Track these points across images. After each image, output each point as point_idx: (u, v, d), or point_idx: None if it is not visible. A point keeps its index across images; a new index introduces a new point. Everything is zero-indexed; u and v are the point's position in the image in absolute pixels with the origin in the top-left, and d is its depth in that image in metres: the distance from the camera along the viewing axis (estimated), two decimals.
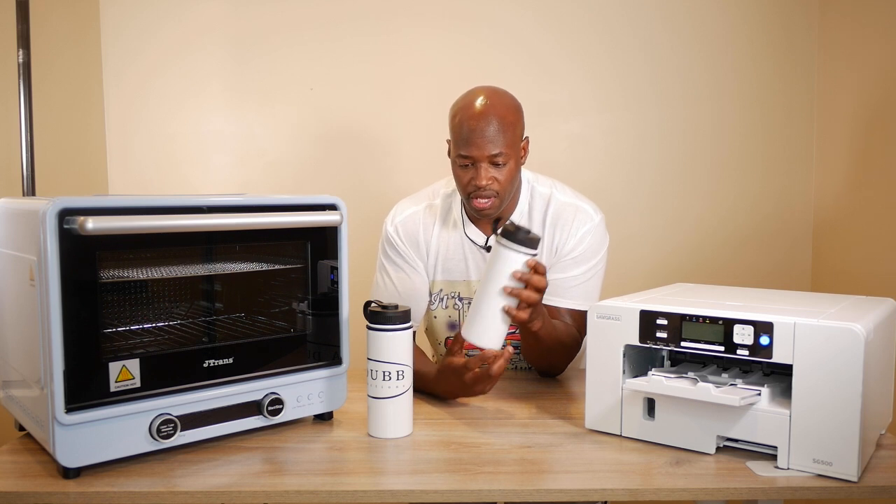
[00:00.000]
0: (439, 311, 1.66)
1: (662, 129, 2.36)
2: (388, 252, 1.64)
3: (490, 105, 1.49)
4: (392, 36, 2.32)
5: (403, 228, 1.64)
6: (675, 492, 1.04)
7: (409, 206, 1.67)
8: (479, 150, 1.47)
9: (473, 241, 1.62)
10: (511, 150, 1.50)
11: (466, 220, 1.63)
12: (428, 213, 1.65)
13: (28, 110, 1.75)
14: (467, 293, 1.63)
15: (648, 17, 2.32)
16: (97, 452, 1.09)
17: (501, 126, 1.48)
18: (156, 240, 1.15)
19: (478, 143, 1.47)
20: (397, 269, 1.63)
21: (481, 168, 1.49)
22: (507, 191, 1.53)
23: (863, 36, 2.09)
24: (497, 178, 1.50)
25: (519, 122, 1.54)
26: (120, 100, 2.33)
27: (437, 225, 1.64)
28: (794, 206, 2.37)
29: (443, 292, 1.64)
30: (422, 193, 1.70)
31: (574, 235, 1.59)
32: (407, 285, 1.62)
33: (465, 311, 1.64)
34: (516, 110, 1.54)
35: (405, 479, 1.10)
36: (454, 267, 1.63)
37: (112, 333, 1.20)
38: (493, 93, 1.52)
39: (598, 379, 1.24)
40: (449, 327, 1.66)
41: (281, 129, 2.36)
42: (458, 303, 1.64)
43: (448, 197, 1.66)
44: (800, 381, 1.07)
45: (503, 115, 1.49)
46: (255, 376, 1.23)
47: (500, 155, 1.48)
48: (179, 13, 2.31)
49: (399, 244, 1.63)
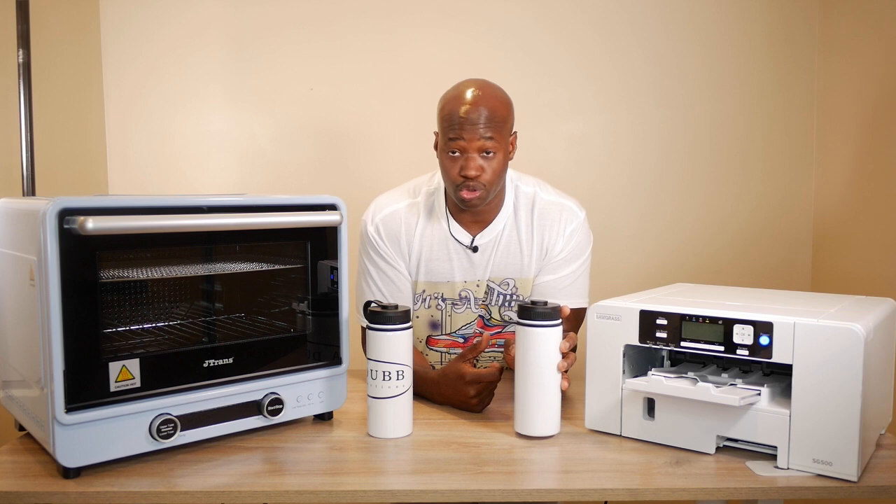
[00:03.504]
0: (421, 311, 1.62)
1: (662, 129, 2.36)
2: (371, 253, 1.60)
3: (482, 95, 1.47)
4: (392, 36, 2.32)
5: (385, 228, 1.59)
6: (675, 492, 1.04)
7: (390, 204, 1.61)
8: (470, 138, 1.46)
9: (459, 240, 1.58)
10: (500, 142, 1.48)
11: (451, 218, 1.59)
12: (410, 211, 1.60)
13: (28, 110, 1.75)
14: (451, 294, 1.60)
15: (648, 17, 2.32)
16: (97, 452, 1.09)
17: (492, 116, 1.46)
18: (156, 240, 1.15)
19: (467, 129, 1.45)
20: (380, 272, 1.59)
21: (470, 158, 1.47)
22: (495, 184, 1.50)
23: (863, 35, 2.09)
24: (485, 169, 1.47)
25: (509, 115, 1.52)
26: (120, 100, 2.33)
27: (420, 224, 1.59)
28: (794, 206, 2.37)
29: (425, 293, 1.60)
30: (402, 189, 1.65)
31: (562, 235, 1.59)
32: (391, 289, 1.58)
33: (447, 312, 1.60)
34: (507, 104, 1.52)
35: (405, 479, 1.10)
36: (438, 268, 1.58)
37: (112, 333, 1.20)
38: (484, 84, 1.51)
39: (598, 379, 1.24)
40: (430, 326, 1.63)
41: (281, 129, 2.36)
42: (441, 303, 1.60)
43: (431, 195, 1.61)
44: (800, 381, 1.07)
45: (494, 106, 1.47)
46: (255, 376, 1.24)
47: (490, 144, 1.46)
48: (179, 13, 2.31)
49: (380, 244, 1.58)
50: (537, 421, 1.22)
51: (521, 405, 1.23)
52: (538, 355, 1.20)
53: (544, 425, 1.22)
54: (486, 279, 1.59)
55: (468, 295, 1.59)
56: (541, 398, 1.21)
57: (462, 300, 1.60)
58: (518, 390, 1.23)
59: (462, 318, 1.61)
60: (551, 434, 1.23)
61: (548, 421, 1.22)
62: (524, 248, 1.59)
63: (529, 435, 1.22)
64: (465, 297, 1.59)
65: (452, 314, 1.61)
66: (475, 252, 1.58)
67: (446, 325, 1.62)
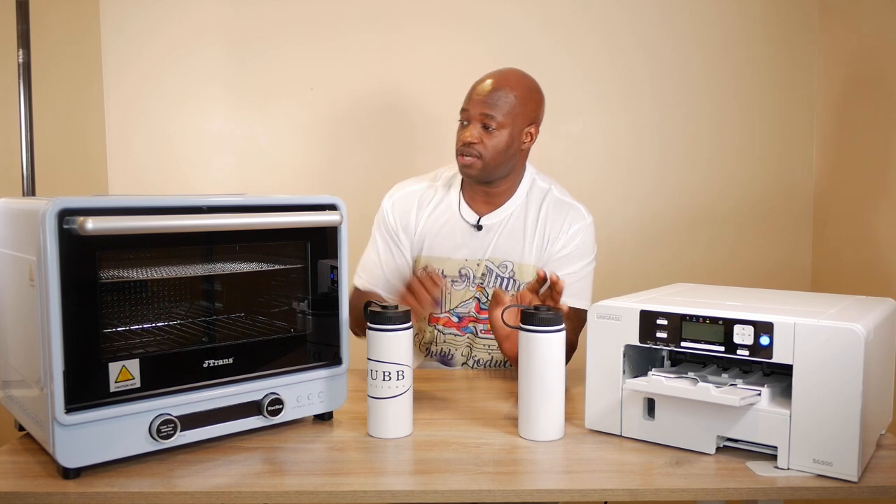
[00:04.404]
0: None
1: (662, 129, 2.36)
2: (381, 227, 1.71)
3: (504, 76, 1.57)
4: (392, 36, 2.32)
5: (399, 206, 1.69)
6: (675, 492, 1.04)
7: (410, 185, 1.73)
8: (473, 108, 1.55)
9: (465, 219, 1.65)
10: (506, 120, 1.55)
11: (463, 198, 1.68)
12: (426, 192, 1.71)
13: (28, 110, 1.75)
14: (451, 271, 1.66)
15: (648, 16, 2.32)
16: (97, 453, 1.08)
17: (504, 94, 1.55)
18: (156, 240, 1.15)
19: (474, 99, 1.56)
20: (386, 247, 1.70)
21: (471, 126, 1.56)
22: (494, 159, 1.57)
23: (864, 32, 2.09)
24: (484, 142, 1.55)
25: (528, 102, 1.58)
26: (120, 100, 2.33)
27: (433, 203, 1.69)
28: (794, 206, 2.37)
29: (428, 269, 1.65)
30: (426, 175, 1.76)
31: (566, 232, 1.63)
32: (391, 266, 1.69)
33: (447, 288, 1.67)
34: (530, 91, 1.59)
35: (405, 479, 1.10)
36: (442, 244, 1.66)
37: (112, 333, 1.20)
38: (516, 70, 1.61)
39: (598, 379, 1.24)
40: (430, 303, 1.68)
41: (281, 129, 2.36)
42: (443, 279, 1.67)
43: (449, 178, 1.71)
44: (800, 381, 1.07)
45: (512, 86, 1.56)
46: (255, 376, 1.23)
47: (490, 118, 1.53)
48: (179, 13, 2.31)
49: (390, 220, 1.69)
50: (541, 426, 1.22)
51: (526, 410, 1.23)
52: (541, 360, 1.20)
53: (548, 430, 1.22)
54: (485, 259, 1.64)
55: (468, 273, 1.65)
56: (545, 403, 1.21)
57: (462, 277, 1.66)
58: (522, 395, 1.23)
59: (460, 295, 1.67)
60: (556, 438, 1.23)
61: (552, 425, 1.22)
62: (527, 234, 1.64)
63: (534, 440, 1.22)
64: (465, 274, 1.66)
65: (452, 290, 1.67)
66: (479, 230, 1.64)
67: (445, 303, 1.68)
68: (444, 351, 1.71)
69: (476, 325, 1.68)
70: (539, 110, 1.63)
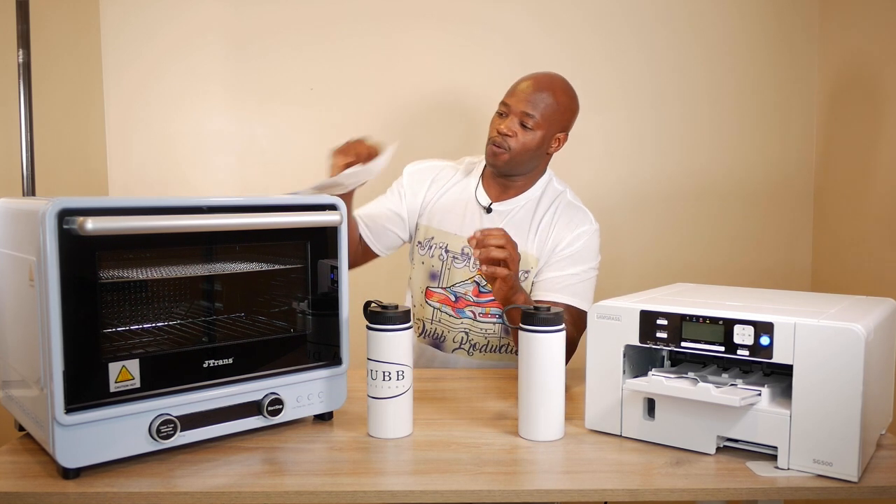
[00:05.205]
0: (426, 258, 1.73)
1: (661, 129, 2.36)
2: (395, 187, 1.79)
3: (551, 79, 1.66)
4: (391, 37, 2.32)
5: (419, 173, 1.78)
6: (675, 492, 1.04)
7: (433, 161, 1.82)
8: (516, 104, 1.62)
9: (478, 200, 1.72)
10: (543, 122, 1.62)
11: (481, 182, 1.75)
12: (445, 171, 1.78)
13: (28, 110, 1.75)
14: (454, 247, 1.70)
15: (647, 16, 2.32)
16: (97, 453, 1.08)
17: (547, 97, 1.63)
18: (156, 240, 1.15)
19: (518, 95, 1.63)
20: (392, 198, 1.77)
21: (511, 118, 1.62)
22: (522, 156, 1.64)
23: (864, 32, 2.09)
24: (518, 137, 1.62)
25: (566, 110, 1.66)
26: (120, 100, 2.33)
27: (451, 181, 1.76)
28: (794, 206, 2.36)
29: (434, 240, 1.72)
30: (454, 161, 1.83)
31: (571, 232, 1.66)
32: (386, 215, 1.75)
33: (447, 264, 1.71)
34: (571, 99, 1.67)
35: (405, 479, 1.10)
36: (451, 219, 1.72)
37: (112, 333, 1.20)
38: (561, 77, 1.68)
39: (598, 379, 1.24)
40: (430, 276, 1.73)
41: (281, 129, 2.36)
42: (444, 254, 1.71)
43: (472, 165, 1.79)
44: (800, 381, 1.07)
45: (555, 92, 1.64)
46: (254, 376, 1.23)
47: (530, 117, 1.61)
48: (179, 13, 2.31)
49: (405, 180, 1.77)
50: (541, 426, 1.22)
51: (526, 410, 1.23)
52: (541, 360, 1.20)
53: (548, 430, 1.22)
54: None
55: (469, 253, 1.68)
56: (545, 403, 1.21)
57: (463, 256, 1.70)
58: (522, 396, 1.23)
59: (459, 273, 1.70)
60: (556, 438, 1.23)
61: (552, 425, 1.22)
62: (533, 226, 1.69)
63: (534, 440, 1.22)
64: (467, 254, 1.69)
65: (452, 268, 1.71)
66: (489, 213, 1.70)
67: (444, 278, 1.72)
68: (437, 332, 1.73)
69: (475, 308, 1.70)
70: (573, 119, 1.70)
